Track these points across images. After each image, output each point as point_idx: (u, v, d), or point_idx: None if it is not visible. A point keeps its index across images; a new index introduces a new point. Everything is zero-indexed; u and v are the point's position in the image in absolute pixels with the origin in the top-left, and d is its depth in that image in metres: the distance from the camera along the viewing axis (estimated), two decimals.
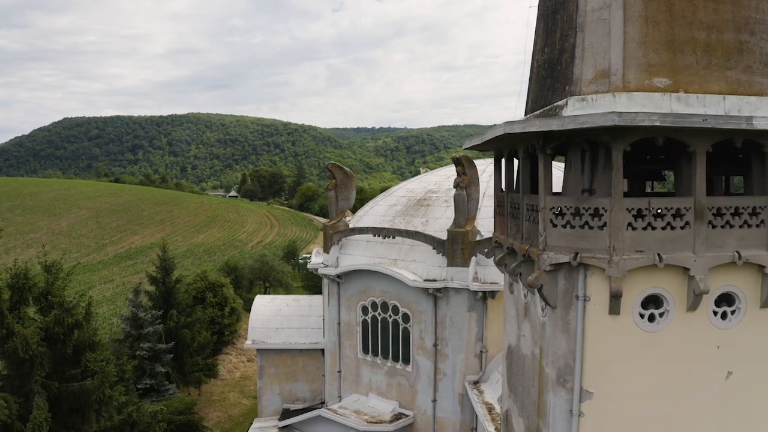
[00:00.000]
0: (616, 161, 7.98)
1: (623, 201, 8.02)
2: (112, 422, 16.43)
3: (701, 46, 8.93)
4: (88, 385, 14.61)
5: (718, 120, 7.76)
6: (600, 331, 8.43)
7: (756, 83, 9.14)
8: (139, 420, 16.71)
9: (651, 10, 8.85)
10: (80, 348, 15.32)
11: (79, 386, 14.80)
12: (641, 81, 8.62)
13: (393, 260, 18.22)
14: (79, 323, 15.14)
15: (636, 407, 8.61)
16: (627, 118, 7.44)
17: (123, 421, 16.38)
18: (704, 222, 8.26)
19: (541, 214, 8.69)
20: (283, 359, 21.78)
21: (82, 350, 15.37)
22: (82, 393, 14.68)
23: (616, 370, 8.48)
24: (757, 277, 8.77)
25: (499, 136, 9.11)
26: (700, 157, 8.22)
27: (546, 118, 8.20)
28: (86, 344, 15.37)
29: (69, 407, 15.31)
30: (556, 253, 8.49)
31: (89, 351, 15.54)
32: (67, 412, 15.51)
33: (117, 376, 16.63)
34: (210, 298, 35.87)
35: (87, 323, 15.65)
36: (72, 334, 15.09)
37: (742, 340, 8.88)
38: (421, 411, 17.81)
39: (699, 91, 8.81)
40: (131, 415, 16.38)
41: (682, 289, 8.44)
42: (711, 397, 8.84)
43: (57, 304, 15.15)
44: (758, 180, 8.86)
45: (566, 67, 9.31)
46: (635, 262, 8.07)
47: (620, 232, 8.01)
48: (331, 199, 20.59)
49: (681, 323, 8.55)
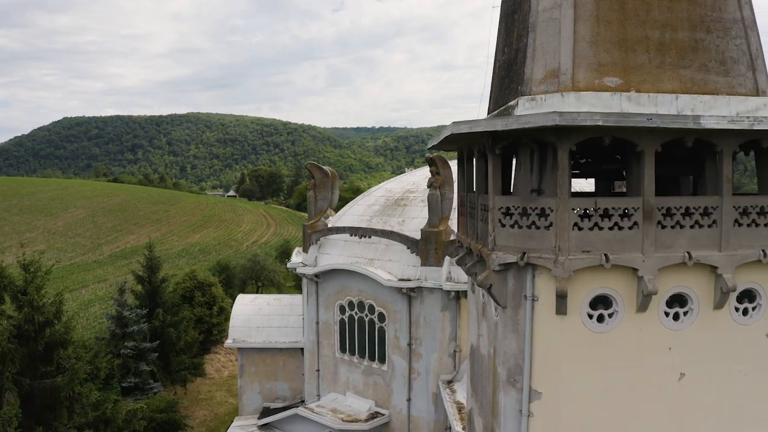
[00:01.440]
0: (562, 161, 7.97)
1: (569, 201, 8.01)
2: (86, 419, 16.48)
3: (655, 45, 8.92)
4: (58, 381, 14.65)
5: (664, 119, 7.74)
6: (548, 331, 8.42)
7: (711, 82, 9.12)
8: (114, 417, 16.73)
9: (603, 9, 8.84)
10: (52, 345, 15.37)
11: (51, 383, 14.85)
12: (591, 80, 8.62)
13: (369, 260, 18.24)
14: (49, 321, 15.16)
15: (586, 408, 8.60)
16: (568, 118, 7.43)
17: (97, 418, 16.43)
18: (653, 222, 8.24)
19: (490, 213, 8.70)
20: (263, 358, 21.81)
21: (54, 348, 15.41)
22: (54, 389, 14.75)
23: (565, 371, 8.47)
24: (710, 277, 8.74)
25: (454, 135, 9.11)
26: (649, 157, 8.20)
27: (493, 118, 8.19)
28: (58, 342, 15.41)
29: (41, 404, 15.37)
30: (504, 252, 8.49)
31: (61, 348, 15.57)
32: (39, 409, 15.57)
33: (89, 373, 16.64)
34: (198, 297, 35.90)
35: (58, 321, 15.66)
36: (43, 331, 15.13)
37: (695, 342, 8.84)
38: (397, 410, 17.83)
39: (651, 90, 8.80)
40: (105, 412, 16.42)
41: (632, 289, 8.43)
42: (664, 399, 8.82)
43: (27, 303, 15.18)
44: (711, 180, 8.84)
45: (520, 67, 9.31)
46: (581, 263, 8.06)
47: (566, 232, 8.00)
48: (309, 198, 20.61)
49: (631, 324, 8.53)
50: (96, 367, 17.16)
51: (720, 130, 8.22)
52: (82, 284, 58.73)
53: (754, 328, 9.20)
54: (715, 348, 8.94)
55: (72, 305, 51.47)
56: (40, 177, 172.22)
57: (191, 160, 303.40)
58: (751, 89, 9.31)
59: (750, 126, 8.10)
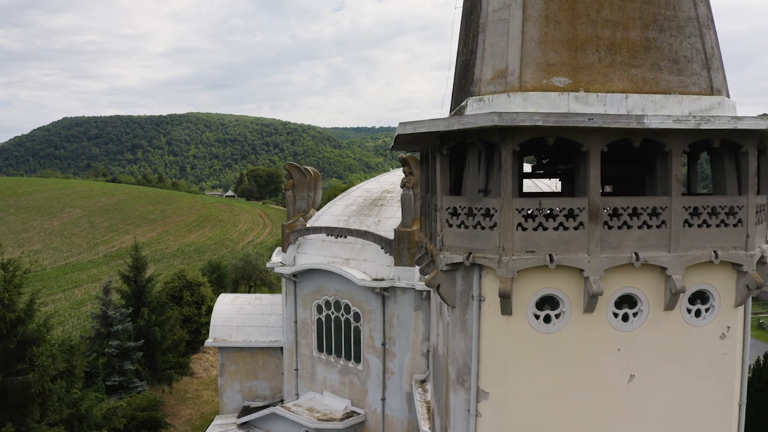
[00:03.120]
0: (505, 161, 7.97)
1: (513, 201, 8.01)
2: (61, 416, 16.55)
3: (605, 44, 8.89)
4: (29, 378, 14.73)
5: (605, 119, 7.72)
6: (495, 331, 8.42)
7: (663, 81, 9.09)
8: (89, 414, 16.79)
9: (552, 9, 8.83)
10: (25, 343, 15.43)
11: (22, 380, 14.93)
12: (539, 81, 8.61)
13: (345, 259, 18.25)
14: (21, 319, 15.23)
15: (534, 408, 8.59)
16: (507, 118, 7.42)
17: (72, 415, 16.49)
18: (599, 223, 8.22)
19: (438, 213, 8.70)
20: (243, 357, 21.83)
21: (27, 345, 15.47)
22: (25, 386, 14.82)
23: (511, 371, 8.46)
24: (659, 278, 8.71)
25: (411, 136, 9.11)
26: (594, 157, 8.18)
27: (437, 119, 8.19)
28: (30, 339, 15.47)
29: (14, 400, 15.43)
30: (452, 252, 8.49)
31: (34, 346, 15.63)
32: (13, 406, 15.62)
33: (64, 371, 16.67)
34: (187, 297, 35.92)
35: (29, 319, 15.72)
36: (15, 329, 15.19)
37: (646, 343, 8.80)
38: (372, 409, 17.84)
39: (601, 90, 8.78)
40: (79, 409, 16.48)
41: (578, 290, 8.41)
42: (613, 400, 8.78)
43: None
44: (661, 180, 8.82)
45: (472, 67, 9.31)
46: (525, 263, 8.05)
47: (509, 233, 8.00)
48: (288, 198, 20.63)
49: (578, 325, 8.52)
50: (72, 365, 17.20)
51: (668, 129, 8.20)
52: (75, 284, 58.78)
53: (708, 330, 9.16)
54: (666, 349, 8.90)
55: (64, 304, 51.62)
56: (39, 177, 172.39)
57: (191, 160, 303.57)
58: (706, 88, 9.28)
59: (696, 125, 8.08)
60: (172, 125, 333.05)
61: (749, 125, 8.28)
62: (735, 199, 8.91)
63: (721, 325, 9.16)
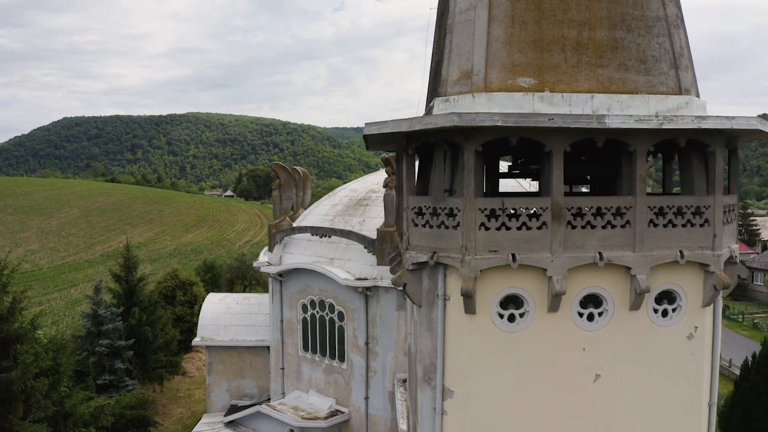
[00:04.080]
0: (468, 161, 8.01)
1: (476, 201, 8.05)
2: (46, 413, 16.66)
3: (571, 45, 8.91)
4: (12, 376, 14.82)
5: (566, 119, 7.75)
6: (459, 330, 8.46)
7: (630, 81, 9.11)
8: (74, 412, 16.89)
9: (519, 9, 8.85)
10: (8, 341, 15.53)
11: (6, 377, 15.01)
12: (504, 81, 8.64)
13: (330, 259, 18.31)
14: (5, 318, 15.32)
15: (499, 408, 8.62)
16: (467, 119, 7.46)
17: (56, 412, 16.60)
18: (562, 222, 8.25)
19: (405, 213, 8.75)
20: (230, 356, 21.90)
21: (11, 343, 15.57)
22: (8, 383, 14.90)
23: (476, 370, 8.50)
24: (625, 278, 8.73)
25: (383, 136, 9.15)
26: (557, 157, 8.21)
27: (400, 119, 8.23)
28: (14, 337, 15.57)
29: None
30: (417, 252, 8.54)
31: (18, 344, 15.73)
32: None
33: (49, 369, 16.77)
34: (180, 297, 36.01)
35: (12, 318, 15.82)
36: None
37: (611, 343, 8.81)
38: (356, 408, 17.90)
39: (567, 90, 8.80)
40: (64, 406, 16.59)
41: (542, 289, 8.44)
42: (579, 400, 8.79)
43: None
44: (627, 180, 8.85)
45: (440, 68, 9.35)
46: (488, 262, 8.09)
47: (472, 232, 8.03)
48: (275, 198, 20.70)
49: (542, 324, 8.54)
50: (57, 363, 17.30)
51: (631, 129, 8.24)
52: (71, 283, 58.91)
53: (675, 330, 9.18)
54: (632, 349, 8.91)
55: (59, 304, 51.76)
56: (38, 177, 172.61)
57: (191, 160, 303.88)
58: (674, 88, 9.30)
59: (659, 125, 8.11)
60: (171, 125, 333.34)
61: (713, 125, 8.32)
62: (701, 199, 8.94)
63: (689, 325, 9.19)
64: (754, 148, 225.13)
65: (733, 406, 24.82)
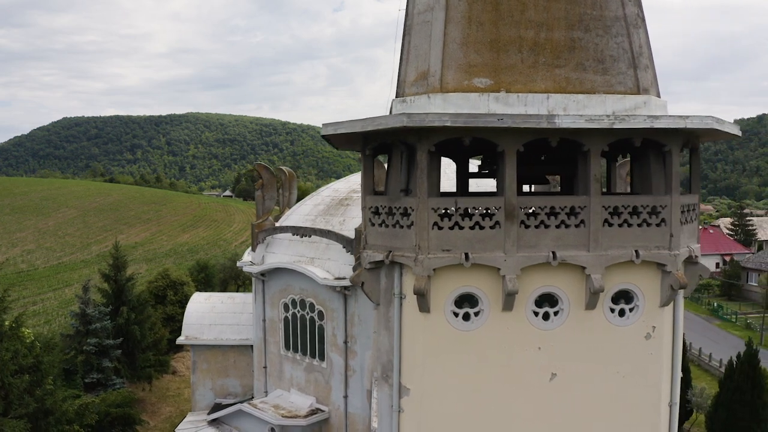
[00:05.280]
0: (421, 161, 8.09)
1: (429, 201, 8.14)
2: (27, 410, 16.82)
3: (528, 45, 8.97)
4: None
5: (515, 119, 7.82)
6: (414, 328, 8.55)
7: (588, 81, 9.17)
8: (54, 409, 17.03)
9: (476, 10, 8.93)
10: None
11: None
12: (460, 82, 8.73)
13: (311, 259, 18.39)
14: None
15: (454, 405, 8.69)
16: (416, 119, 7.55)
17: (37, 409, 16.74)
18: (515, 222, 8.33)
19: (363, 212, 8.84)
20: (214, 355, 21.99)
21: None
22: None
23: (431, 368, 8.59)
24: (580, 278, 8.79)
25: (338, 136, 9.23)
26: (510, 157, 8.29)
27: (354, 120, 8.32)
28: None
29: None
30: (374, 251, 8.63)
31: None
32: None
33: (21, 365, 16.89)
34: (171, 296, 36.12)
35: None
36: None
37: (567, 342, 8.86)
38: (335, 407, 17.99)
39: (523, 90, 8.87)
40: (44, 403, 16.74)
41: (497, 288, 8.51)
42: (535, 399, 8.84)
43: None
44: (582, 179, 8.93)
45: (400, 69, 9.44)
46: (441, 261, 8.18)
47: (425, 231, 8.12)
48: (257, 198, 20.78)
49: (497, 323, 8.62)
50: (38, 361, 17.40)
51: (585, 129, 8.32)
52: (66, 283, 58.96)
53: (632, 330, 9.23)
54: (588, 349, 8.96)
55: (53, 303, 51.82)
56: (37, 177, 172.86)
57: (190, 160, 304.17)
58: (632, 87, 9.36)
59: (610, 125, 8.18)
60: (171, 125, 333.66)
61: (666, 124, 8.40)
62: (657, 198, 9.01)
63: (646, 325, 9.25)
64: (754, 148, 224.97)
65: (717, 406, 24.88)
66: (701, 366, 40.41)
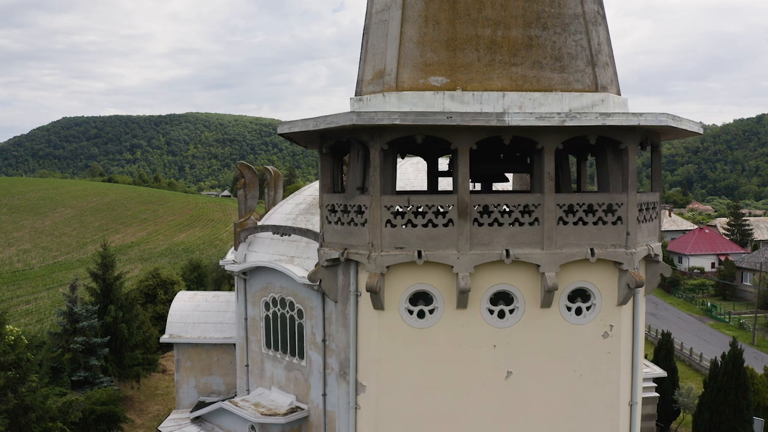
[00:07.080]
0: (374, 159, 8.16)
1: (382, 198, 8.20)
2: (6, 406, 16.95)
3: (485, 43, 9.01)
4: None
5: (465, 117, 7.88)
6: (370, 325, 8.62)
7: (545, 78, 9.20)
8: (36, 405, 17.16)
9: (432, 9, 8.98)
10: None
11: None
12: (416, 80, 8.80)
13: (291, 257, 18.47)
14: None
15: (410, 402, 8.73)
16: (366, 117, 7.62)
17: (17, 405, 16.88)
18: (468, 220, 8.39)
19: (320, 210, 8.92)
20: (198, 353, 22.08)
21: None
22: None
23: (386, 365, 8.64)
24: (535, 276, 8.83)
25: (301, 133, 9.31)
26: (463, 155, 8.35)
27: (307, 119, 8.39)
28: None
29: None
30: (330, 248, 8.71)
31: None
32: None
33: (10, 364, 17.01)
34: (161, 295, 36.21)
35: None
36: None
37: (523, 340, 8.90)
38: (315, 404, 18.05)
39: (479, 88, 8.92)
40: (24, 400, 16.87)
41: (451, 286, 8.56)
42: (490, 396, 8.86)
43: None
44: (537, 177, 8.99)
45: (359, 68, 9.53)
46: (394, 259, 8.24)
47: (378, 229, 8.18)
48: (240, 197, 20.87)
49: (452, 320, 8.66)
50: (19, 358, 17.51)
51: (537, 127, 8.38)
52: (60, 282, 58.99)
53: (589, 328, 9.27)
54: (545, 347, 8.99)
55: (46, 303, 51.94)
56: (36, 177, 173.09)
57: (190, 160, 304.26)
58: (590, 85, 9.40)
59: (561, 122, 8.24)
60: (171, 125, 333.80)
61: (618, 122, 8.45)
62: (613, 196, 9.06)
63: (604, 324, 9.29)
64: (753, 148, 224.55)
65: (701, 406, 24.89)
66: (692, 366, 40.43)
